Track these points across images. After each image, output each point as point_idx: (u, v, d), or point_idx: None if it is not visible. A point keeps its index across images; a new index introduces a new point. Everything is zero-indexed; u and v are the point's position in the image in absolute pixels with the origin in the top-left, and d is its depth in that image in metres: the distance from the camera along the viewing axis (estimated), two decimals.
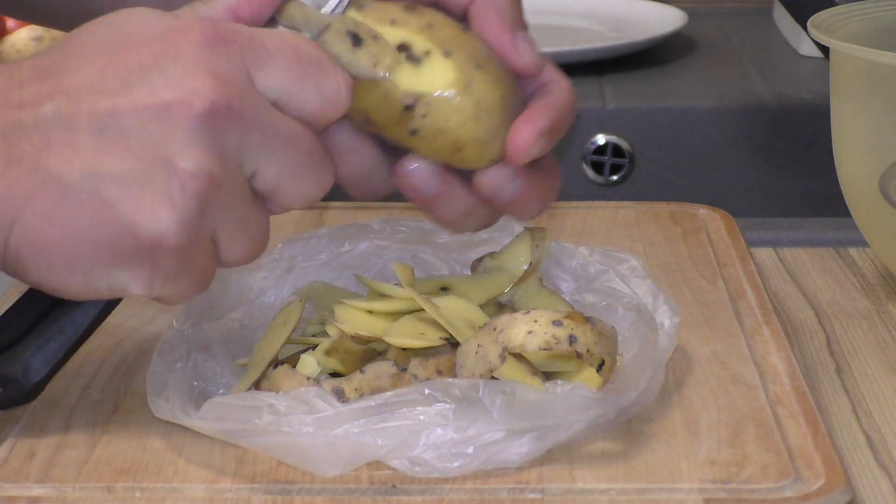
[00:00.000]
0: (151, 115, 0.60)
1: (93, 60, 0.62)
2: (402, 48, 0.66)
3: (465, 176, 0.68)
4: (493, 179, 0.67)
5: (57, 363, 0.69)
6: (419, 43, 0.67)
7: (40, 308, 0.69)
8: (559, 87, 0.71)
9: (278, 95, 0.63)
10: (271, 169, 0.63)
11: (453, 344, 0.70)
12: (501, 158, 0.67)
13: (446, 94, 0.66)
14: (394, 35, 0.67)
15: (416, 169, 0.68)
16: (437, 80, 0.66)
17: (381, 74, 0.66)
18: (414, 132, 0.66)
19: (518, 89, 0.69)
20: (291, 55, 0.63)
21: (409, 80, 0.66)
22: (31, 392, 0.69)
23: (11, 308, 0.69)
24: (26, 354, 0.68)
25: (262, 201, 0.64)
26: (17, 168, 0.60)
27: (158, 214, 0.60)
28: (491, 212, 0.70)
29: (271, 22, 0.66)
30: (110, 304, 0.70)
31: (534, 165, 0.68)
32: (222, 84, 0.61)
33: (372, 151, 0.68)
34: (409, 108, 0.66)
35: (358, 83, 0.65)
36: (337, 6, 0.67)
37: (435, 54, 0.66)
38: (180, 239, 0.61)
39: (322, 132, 0.66)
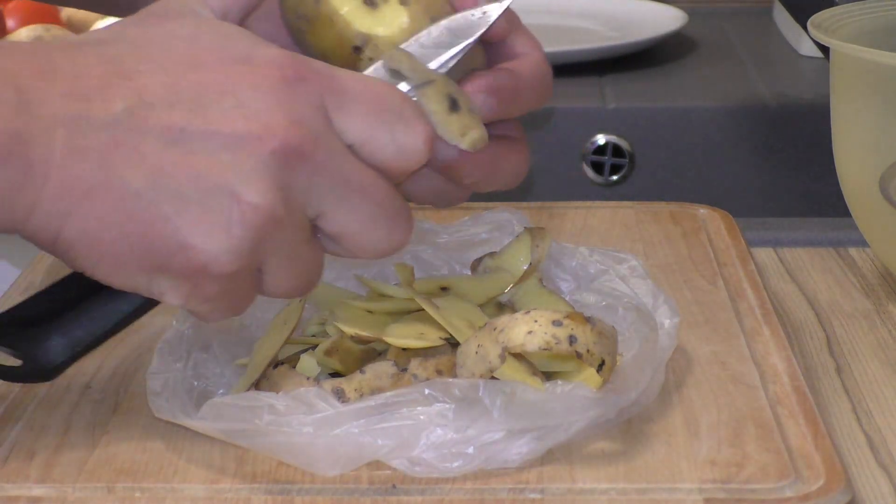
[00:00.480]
0: (223, 141, 0.60)
1: (166, 69, 0.61)
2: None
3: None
4: (438, 148, 0.67)
5: (80, 350, 0.68)
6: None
7: (81, 289, 0.68)
8: (527, 58, 0.70)
9: (354, 140, 0.63)
10: (339, 214, 0.63)
11: (453, 344, 0.70)
12: None
13: (396, 41, 0.68)
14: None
15: None
16: (389, 25, 0.68)
17: (462, 145, 0.66)
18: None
19: (481, 56, 0.69)
20: (372, 101, 0.63)
21: (362, 21, 0.68)
22: (49, 373, 0.68)
23: (55, 284, 0.68)
24: (52, 334, 0.68)
25: (327, 242, 0.64)
26: (81, 161, 0.60)
27: (212, 239, 0.60)
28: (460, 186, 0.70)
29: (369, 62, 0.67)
30: (151, 302, 0.69)
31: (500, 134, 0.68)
32: (297, 125, 0.61)
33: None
34: (357, 49, 0.68)
35: None
36: (442, 65, 0.67)
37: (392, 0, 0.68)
38: (229, 267, 0.61)
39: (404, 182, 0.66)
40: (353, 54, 0.68)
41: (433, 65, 0.67)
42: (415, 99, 0.65)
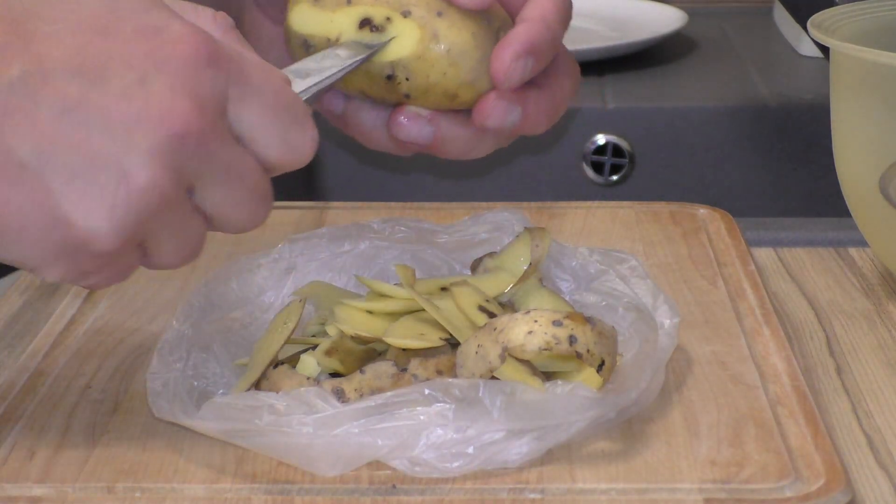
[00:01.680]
0: (121, 118, 0.59)
1: (73, 33, 0.59)
2: (364, 23, 0.68)
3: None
4: (492, 113, 0.67)
5: None
6: (377, 13, 0.68)
7: None
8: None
9: (245, 132, 0.62)
10: (214, 196, 0.62)
11: (453, 344, 0.70)
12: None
13: (418, 53, 0.67)
14: (353, 13, 0.68)
15: (406, 121, 0.69)
16: (403, 44, 0.68)
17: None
18: (407, 96, 0.68)
19: (497, 11, 0.70)
20: (271, 97, 0.62)
21: (381, 51, 0.67)
22: None
23: None
24: None
25: (199, 215, 0.64)
26: None
27: (95, 217, 0.59)
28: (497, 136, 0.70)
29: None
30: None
31: (534, 81, 0.68)
32: (200, 111, 0.60)
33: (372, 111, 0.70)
34: (391, 78, 0.68)
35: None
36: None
37: (395, 19, 0.68)
38: (109, 246, 0.60)
39: (323, 99, 0.66)
40: (390, 83, 0.68)
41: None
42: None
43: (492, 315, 0.70)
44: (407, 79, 0.68)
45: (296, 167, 0.64)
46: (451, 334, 0.70)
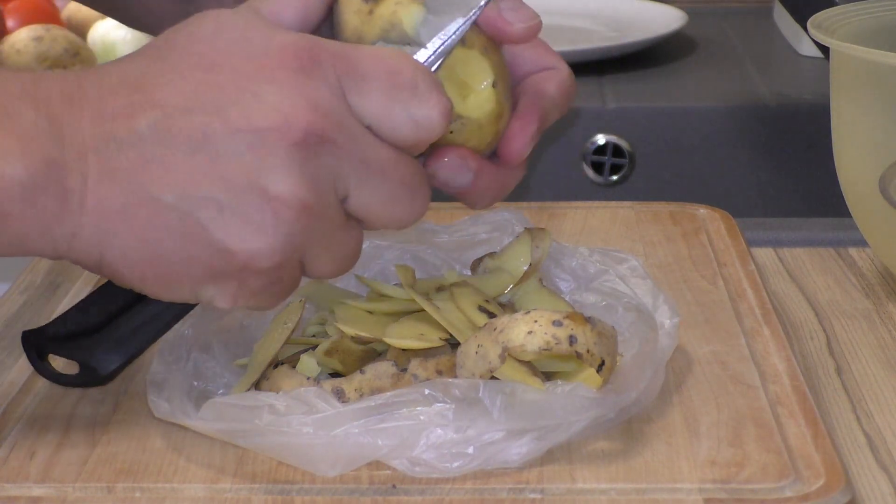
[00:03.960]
0: (246, 139, 0.61)
1: (184, 76, 0.62)
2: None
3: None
4: (447, 170, 0.68)
5: (131, 356, 0.70)
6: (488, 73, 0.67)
7: (126, 295, 0.69)
8: (556, 76, 0.71)
9: (372, 120, 0.63)
10: (363, 195, 0.63)
11: (453, 344, 0.70)
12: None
13: (482, 119, 0.67)
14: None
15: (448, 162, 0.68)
16: (481, 109, 0.67)
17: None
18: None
19: (501, 61, 0.69)
20: (386, 80, 0.63)
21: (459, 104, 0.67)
22: (104, 379, 0.70)
23: (100, 291, 0.70)
24: (103, 342, 0.69)
25: (356, 221, 0.65)
26: (111, 183, 0.61)
27: (250, 239, 0.61)
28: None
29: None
30: (192, 305, 0.71)
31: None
32: (317, 112, 0.61)
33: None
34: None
35: None
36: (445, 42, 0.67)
37: (489, 86, 0.67)
38: (271, 262, 0.62)
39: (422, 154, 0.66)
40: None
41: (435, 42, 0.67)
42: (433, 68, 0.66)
43: (492, 315, 0.70)
44: (452, 132, 0.67)
45: (432, 139, 0.64)
46: (451, 335, 0.70)
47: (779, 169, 1.37)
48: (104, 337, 0.69)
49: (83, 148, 0.61)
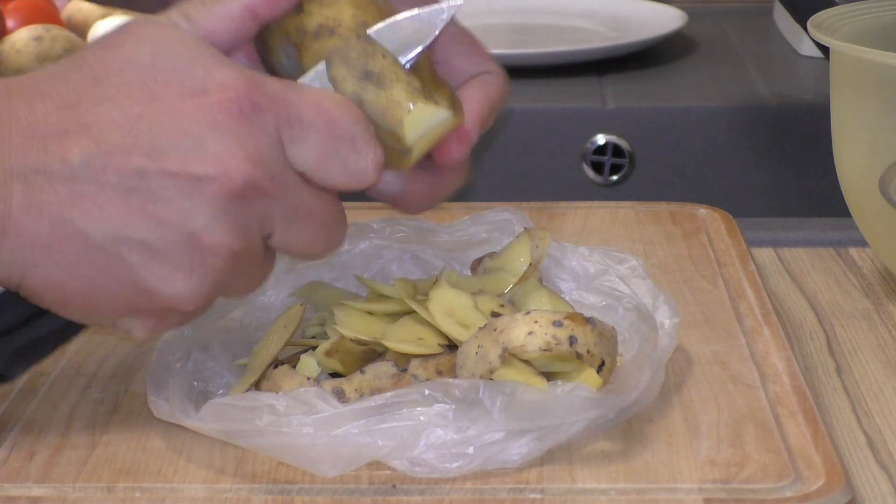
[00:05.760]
0: (181, 185, 0.60)
1: (122, 107, 0.61)
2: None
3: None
4: (380, 181, 0.68)
5: (32, 362, 0.68)
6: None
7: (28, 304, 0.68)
8: (493, 80, 0.71)
9: (306, 168, 0.63)
10: (287, 236, 0.64)
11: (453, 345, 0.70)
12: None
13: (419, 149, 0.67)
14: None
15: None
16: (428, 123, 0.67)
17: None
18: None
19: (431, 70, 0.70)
20: (325, 130, 0.63)
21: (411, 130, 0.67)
22: (3, 381, 0.68)
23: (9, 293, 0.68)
24: (11, 351, 0.67)
25: (272, 252, 0.66)
26: (38, 216, 0.60)
27: (177, 284, 0.62)
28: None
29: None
30: None
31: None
32: (256, 163, 0.61)
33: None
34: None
35: None
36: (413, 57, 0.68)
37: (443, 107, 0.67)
38: (195, 305, 0.63)
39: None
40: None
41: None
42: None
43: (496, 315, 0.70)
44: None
45: (361, 189, 0.65)
46: (449, 340, 0.70)
47: (779, 169, 1.37)
48: (11, 343, 0.67)
49: (8, 173, 0.60)
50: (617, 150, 1.37)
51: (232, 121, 0.61)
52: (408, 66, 0.68)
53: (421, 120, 0.66)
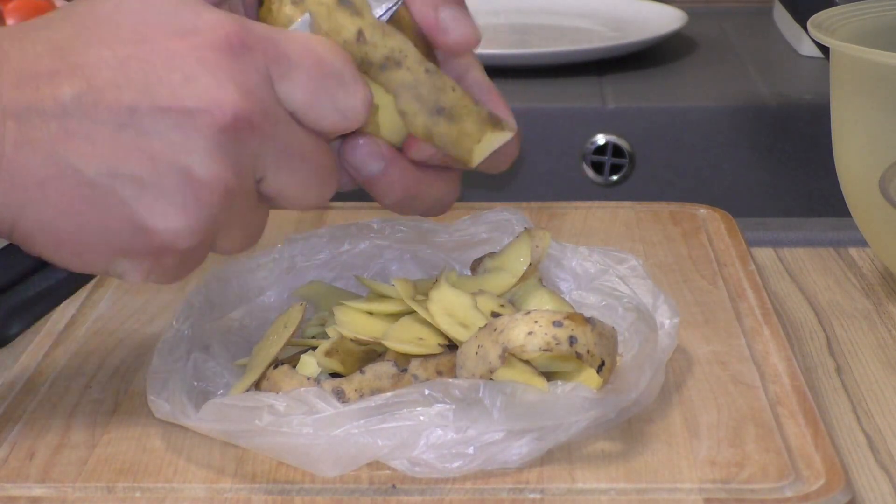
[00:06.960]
0: (173, 120, 0.61)
1: (113, 48, 0.61)
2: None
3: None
4: (360, 156, 0.68)
5: (34, 321, 0.69)
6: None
7: (30, 260, 0.67)
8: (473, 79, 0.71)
9: (297, 108, 0.63)
10: (279, 178, 0.64)
11: (453, 345, 0.70)
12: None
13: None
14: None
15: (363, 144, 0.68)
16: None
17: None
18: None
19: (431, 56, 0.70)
20: (314, 68, 0.63)
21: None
22: (2, 342, 0.69)
23: (2, 251, 0.68)
24: (6, 310, 0.68)
25: (265, 200, 0.65)
26: (31, 152, 0.60)
27: (172, 220, 0.61)
28: (435, 198, 0.71)
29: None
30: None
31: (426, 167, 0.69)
32: (246, 97, 0.61)
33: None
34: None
35: None
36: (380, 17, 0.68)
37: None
38: (189, 243, 0.62)
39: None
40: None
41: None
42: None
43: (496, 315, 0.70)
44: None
45: (352, 129, 0.65)
46: (449, 340, 0.70)
47: (779, 169, 1.37)
48: (7, 301, 0.67)
49: (2, 114, 0.60)
50: (617, 150, 1.37)
51: (222, 57, 0.61)
52: (386, 17, 0.68)
53: (489, 147, 0.69)
